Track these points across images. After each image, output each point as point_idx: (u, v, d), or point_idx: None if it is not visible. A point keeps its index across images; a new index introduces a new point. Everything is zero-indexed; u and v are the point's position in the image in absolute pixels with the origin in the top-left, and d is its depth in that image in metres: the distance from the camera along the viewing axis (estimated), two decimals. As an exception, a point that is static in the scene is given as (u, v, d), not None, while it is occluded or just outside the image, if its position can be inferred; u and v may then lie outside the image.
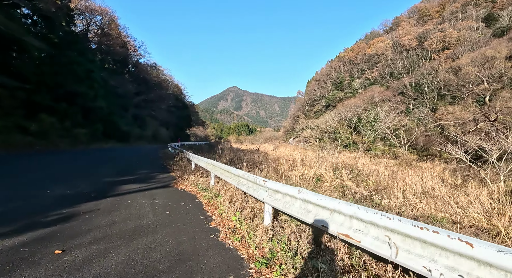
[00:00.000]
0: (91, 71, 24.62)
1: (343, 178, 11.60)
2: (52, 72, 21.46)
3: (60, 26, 23.26)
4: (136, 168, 9.82)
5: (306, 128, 56.35)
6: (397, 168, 16.50)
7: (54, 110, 21.00)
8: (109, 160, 12.53)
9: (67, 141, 20.61)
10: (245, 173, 4.37)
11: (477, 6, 56.03)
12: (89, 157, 13.71)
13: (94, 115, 26.33)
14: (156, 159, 14.17)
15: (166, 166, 11.08)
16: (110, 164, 10.88)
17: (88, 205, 4.54)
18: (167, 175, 8.56)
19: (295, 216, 2.65)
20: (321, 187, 9.65)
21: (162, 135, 49.38)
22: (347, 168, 13.70)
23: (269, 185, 3.40)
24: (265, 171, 10.93)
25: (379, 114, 34.22)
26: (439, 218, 6.27)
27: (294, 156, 19.69)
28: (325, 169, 12.58)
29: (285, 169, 12.35)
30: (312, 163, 13.55)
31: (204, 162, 7.14)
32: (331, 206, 2.26)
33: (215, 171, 6.01)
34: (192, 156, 8.98)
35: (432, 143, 29.07)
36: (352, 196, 10.15)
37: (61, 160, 11.36)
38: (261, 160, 13.73)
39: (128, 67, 45.14)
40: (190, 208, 4.71)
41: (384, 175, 12.38)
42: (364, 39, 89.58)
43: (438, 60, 48.11)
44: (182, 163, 9.75)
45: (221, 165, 5.59)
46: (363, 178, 12.46)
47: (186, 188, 6.54)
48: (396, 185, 10.52)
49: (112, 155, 15.55)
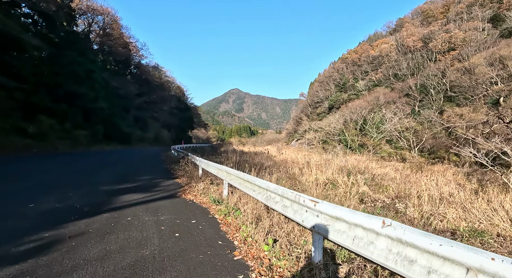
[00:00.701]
0: (92, 72, 23.95)
1: (358, 183, 10.73)
2: (52, 73, 20.79)
3: (60, 26, 22.64)
4: (138, 173, 9.06)
5: (309, 131, 55.65)
6: (409, 171, 15.61)
7: (54, 111, 20.30)
8: (109, 164, 11.73)
9: (66, 143, 19.88)
10: (278, 186, 3.43)
11: (483, 7, 55.28)
12: (88, 160, 12.91)
13: (95, 117, 25.62)
14: (159, 163, 13.37)
15: (170, 170, 10.28)
16: (109, 169, 10.07)
17: (78, 225, 3.71)
18: (172, 182, 7.77)
19: (379, 263, 1.78)
20: (336, 194, 8.80)
21: (164, 138, 48.64)
22: (360, 172, 12.80)
23: (323, 208, 2.47)
24: (276, 175, 10.12)
25: (386, 116, 33.48)
26: (478, 229, 5.44)
27: (299, 158, 18.85)
28: (338, 174, 11.75)
29: (297, 173, 11.48)
30: (320, 166, 12.74)
31: (215, 168, 6.34)
32: (473, 261, 1.25)
33: (231, 180, 5.19)
34: (200, 160, 8.17)
35: (440, 146, 28.17)
36: (372, 204, 9.21)
37: (57, 164, 10.58)
38: (269, 163, 12.91)
39: (130, 68, 44.56)
40: (204, 228, 3.87)
41: (396, 179, 11.57)
42: (367, 41, 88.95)
43: (444, 61, 47.36)
44: (188, 168, 8.92)
45: (239, 174, 4.73)
46: (378, 183, 11.57)
47: (196, 198, 5.72)
48: (413, 190, 9.72)
49: (112, 158, 14.75)
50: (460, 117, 30.39)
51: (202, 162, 7.89)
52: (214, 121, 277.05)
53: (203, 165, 7.71)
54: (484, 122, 24.10)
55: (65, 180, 6.85)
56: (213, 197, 5.41)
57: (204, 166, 7.53)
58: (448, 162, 25.15)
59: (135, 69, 45.58)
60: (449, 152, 27.64)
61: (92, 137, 24.51)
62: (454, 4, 66.25)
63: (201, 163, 7.94)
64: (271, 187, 3.52)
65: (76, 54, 22.45)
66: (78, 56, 22.54)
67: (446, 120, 28.01)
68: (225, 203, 5.01)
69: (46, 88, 20.30)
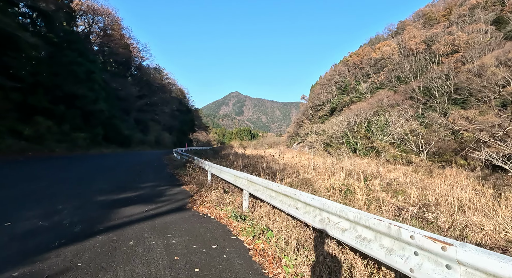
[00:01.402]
0: (92, 72, 23.28)
1: (376, 189, 9.93)
2: (50, 73, 20.12)
3: (60, 25, 22.02)
4: (139, 180, 8.24)
5: (311, 133, 55.10)
6: (420, 175, 14.86)
7: (52, 113, 19.57)
8: (108, 168, 10.90)
9: (64, 145, 19.11)
10: (344, 207, 2.51)
11: (485, 9, 55.17)
12: (86, 164, 12.08)
13: (94, 119, 24.88)
14: (162, 167, 12.52)
15: (175, 176, 9.43)
16: (108, 174, 9.25)
17: (63, 255, 2.79)
18: (179, 190, 6.94)
19: None
20: (353, 200, 8.02)
21: (165, 140, 47.86)
22: (374, 177, 12.02)
23: (466, 258, 1.47)
24: (287, 180, 9.36)
25: (391, 118, 32.93)
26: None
27: (303, 161, 18.07)
28: (350, 178, 11.00)
29: (310, 178, 10.71)
30: (326, 170, 12.03)
31: (230, 175, 5.49)
32: None
33: (256, 191, 4.26)
34: (209, 165, 7.36)
35: (448, 149, 27.41)
36: (397, 212, 8.34)
37: (51, 168, 9.77)
38: (277, 167, 12.13)
39: (130, 70, 43.95)
40: (230, 258, 2.94)
41: (410, 184, 10.85)
42: (369, 44, 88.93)
43: (447, 64, 47.02)
44: (195, 173, 8.10)
45: (269, 184, 3.74)
46: (395, 189, 10.78)
47: (210, 212, 4.80)
48: (430, 196, 9.05)
49: (111, 162, 13.91)
50: (466, 120, 29.73)
51: (213, 167, 7.08)
52: (215, 124, 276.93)
53: (214, 170, 6.91)
54: (496, 124, 23.34)
55: (57, 188, 5.99)
56: (232, 211, 4.52)
57: (216, 171, 6.75)
58: (456, 166, 24.39)
59: (136, 71, 44.99)
60: (455, 155, 26.93)
61: (91, 140, 23.76)
62: (456, 7, 66.26)
63: (211, 168, 7.13)
64: (330, 207, 2.57)
65: (76, 55, 21.79)
66: (77, 57, 21.89)
67: (457, 123, 27.25)
68: (249, 219, 4.09)
69: (44, 89, 19.61)
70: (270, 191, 3.76)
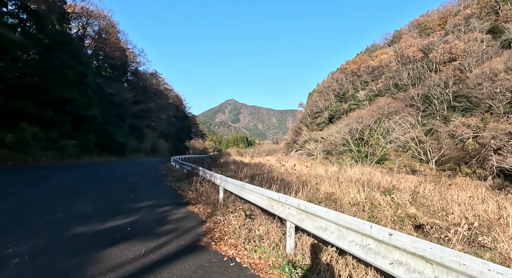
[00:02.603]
0: (84, 76, 21.87)
1: (405, 203, 8.66)
2: (39, 75, 18.69)
3: (51, 26, 20.71)
4: (134, 196, 6.75)
5: (310, 141, 54.35)
6: (435, 186, 13.67)
7: (39, 118, 18.02)
8: (97, 181, 9.39)
9: (51, 154, 17.47)
10: None
11: (480, 19, 56.32)
12: (72, 175, 10.53)
13: (86, 125, 23.29)
14: (160, 178, 11.01)
15: (176, 190, 7.96)
16: (96, 188, 7.76)
17: None
18: (185, 212, 5.45)
19: None
20: (379, 217, 6.72)
21: (161, 148, 46.11)
22: (389, 188, 10.71)
23: None
24: (304, 193, 8.05)
25: (395, 125, 32.31)
26: None
27: (304, 170, 16.81)
28: (373, 190, 9.71)
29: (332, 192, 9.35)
30: (335, 180, 10.81)
31: (261, 196, 4.04)
32: None
33: (318, 229, 2.75)
34: (221, 179, 5.95)
35: (457, 157, 26.51)
36: (440, 235, 6.92)
37: (29, 181, 8.23)
38: (287, 177, 10.78)
39: (126, 75, 42.55)
40: None
41: (428, 195, 9.67)
42: (366, 51, 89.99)
43: (445, 71, 47.26)
44: (202, 188, 6.69)
45: (360, 224, 2.28)
46: (422, 203, 9.49)
47: (238, 253, 3.32)
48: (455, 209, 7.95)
49: (103, 172, 12.35)
50: (468, 127, 29.11)
51: (228, 181, 5.60)
52: (211, 131, 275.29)
53: (230, 186, 5.44)
54: (509, 132, 22.48)
55: (21, 212, 4.59)
56: (276, 255, 2.93)
57: (233, 188, 5.28)
58: (463, 174, 23.48)
59: (131, 76, 43.58)
60: (464, 164, 26.06)
61: (82, 148, 22.09)
62: (451, 17, 67.63)
63: (225, 184, 5.71)
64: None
65: (67, 57, 20.43)
66: (69, 59, 20.52)
67: (465, 131, 26.45)
68: (305, 269, 2.66)
69: (32, 92, 18.14)
70: (357, 234, 2.26)
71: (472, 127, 28.20)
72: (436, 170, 21.88)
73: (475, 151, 26.15)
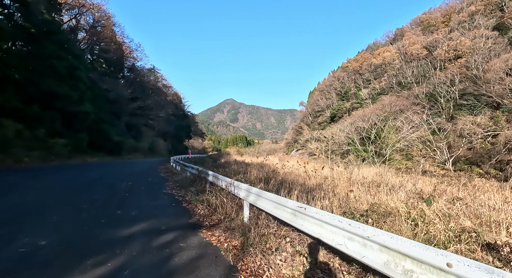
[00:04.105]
0: (75, 69, 20.07)
1: (458, 215, 6.96)
2: (23, 67, 16.88)
3: (39, 14, 18.88)
4: (123, 214, 5.02)
5: (311, 140, 53.22)
6: (457, 187, 12.12)
7: (23, 114, 16.22)
8: (82, 187, 7.67)
9: (37, 154, 15.69)
10: None
11: (485, 16, 55.48)
12: (51, 180, 8.71)
13: (78, 123, 21.51)
14: (159, 184, 9.36)
15: (181, 202, 6.24)
16: (78, 198, 6.11)
17: None
18: (198, 244, 3.69)
19: None
20: (434, 233, 5.07)
21: (159, 147, 44.26)
22: (437, 195, 9.05)
23: None
24: (336, 203, 6.43)
25: (404, 122, 31.09)
26: None
27: (310, 171, 15.24)
28: (412, 198, 8.05)
29: (375, 203, 7.68)
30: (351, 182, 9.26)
31: (339, 230, 2.45)
32: None
33: None
34: (248, 191, 4.29)
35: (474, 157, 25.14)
36: None
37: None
38: (303, 180, 9.13)
39: (123, 71, 40.59)
40: None
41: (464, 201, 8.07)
42: (367, 50, 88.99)
43: (451, 69, 46.15)
44: (216, 200, 4.97)
45: None
46: (475, 212, 7.85)
47: None
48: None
49: (91, 176, 10.57)
50: (478, 126, 27.82)
51: (262, 196, 3.87)
52: (209, 131, 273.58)
53: (266, 204, 3.79)
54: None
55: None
56: None
57: (277, 212, 3.51)
58: (477, 175, 22.21)
59: (128, 72, 41.62)
60: (482, 164, 24.73)
61: (73, 147, 20.31)
62: (455, 14, 66.74)
63: (257, 200, 4.00)
64: None
65: (56, 47, 18.63)
66: (58, 50, 18.73)
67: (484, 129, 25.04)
68: None
69: (15, 85, 16.34)
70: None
71: (481, 126, 26.94)
72: (453, 171, 20.33)
73: (493, 151, 24.78)
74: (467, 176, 21.58)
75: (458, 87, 38.09)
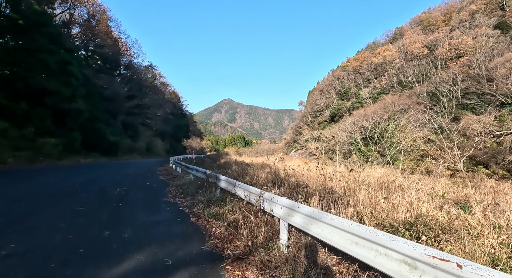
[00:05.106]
0: (67, 63, 18.83)
1: (508, 224, 5.89)
2: (9, 62, 15.63)
3: (27, 5, 17.61)
4: (112, 238, 3.70)
5: (311, 140, 52.42)
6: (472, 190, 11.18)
7: (9, 111, 14.97)
8: (66, 195, 6.39)
9: (24, 154, 14.46)
10: None
11: (486, 15, 55.21)
12: (28, 187, 7.31)
13: (71, 121, 20.25)
14: (159, 189, 8.13)
15: (186, 214, 5.07)
16: (56, 212, 4.85)
17: None
18: None
19: None
20: (483, 248, 4.08)
21: (157, 148, 42.94)
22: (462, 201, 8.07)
23: None
24: (372, 217, 5.41)
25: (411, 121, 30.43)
26: None
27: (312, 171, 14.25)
28: (441, 204, 7.10)
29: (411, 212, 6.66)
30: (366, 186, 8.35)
31: None
32: None
33: None
34: (292, 208, 2.95)
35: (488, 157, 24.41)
36: None
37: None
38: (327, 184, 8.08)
39: (119, 68, 39.15)
40: None
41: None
42: (367, 49, 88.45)
43: (453, 68, 45.67)
44: (239, 216, 3.85)
45: None
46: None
47: None
48: None
49: (79, 180, 9.24)
50: (489, 125, 27.26)
51: (321, 221, 2.48)
52: (207, 131, 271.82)
53: (325, 231, 2.40)
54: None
55: None
56: None
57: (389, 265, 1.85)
58: (487, 176, 21.50)
59: (125, 69, 40.19)
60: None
61: (65, 147, 19.06)
62: (455, 13, 66.46)
63: (311, 225, 2.60)
64: None
65: (47, 40, 17.39)
66: (49, 43, 17.48)
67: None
68: None
69: (0, 80, 15.09)
70: None
71: (487, 125, 26.31)
72: (472, 171, 19.41)
73: (504, 151, 24.06)
74: (480, 177, 20.73)
75: (460, 86, 37.57)
